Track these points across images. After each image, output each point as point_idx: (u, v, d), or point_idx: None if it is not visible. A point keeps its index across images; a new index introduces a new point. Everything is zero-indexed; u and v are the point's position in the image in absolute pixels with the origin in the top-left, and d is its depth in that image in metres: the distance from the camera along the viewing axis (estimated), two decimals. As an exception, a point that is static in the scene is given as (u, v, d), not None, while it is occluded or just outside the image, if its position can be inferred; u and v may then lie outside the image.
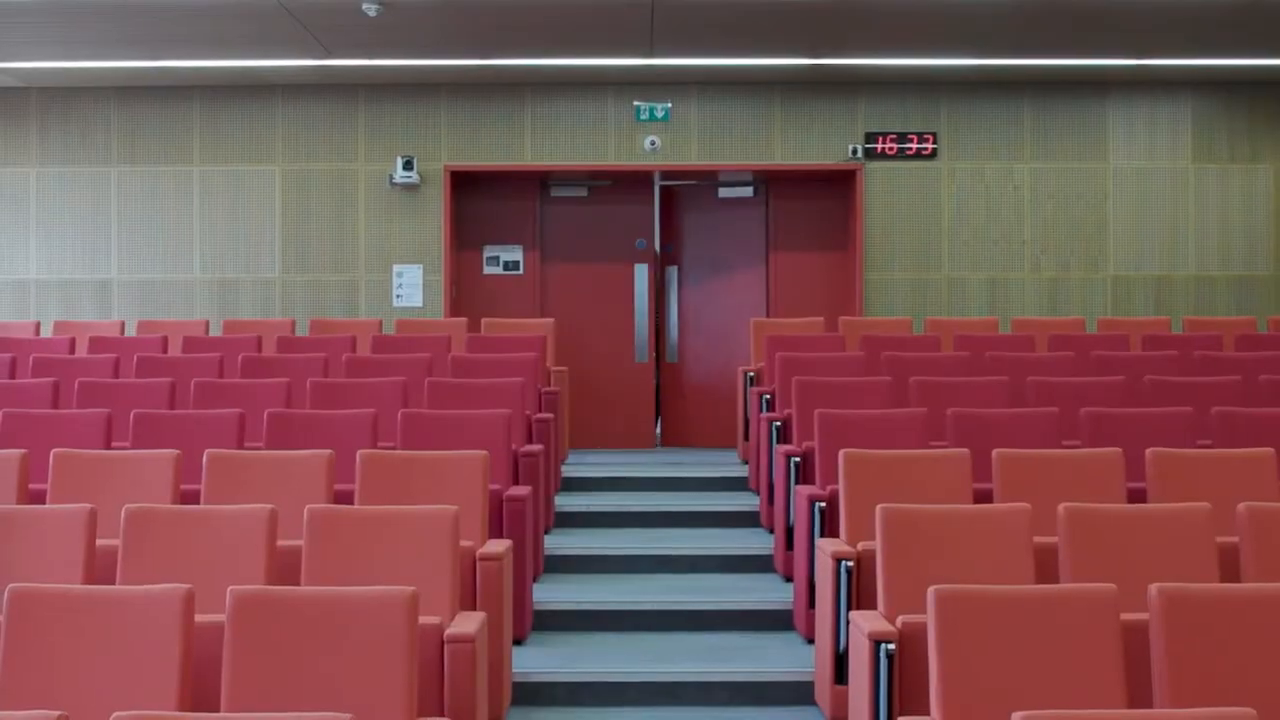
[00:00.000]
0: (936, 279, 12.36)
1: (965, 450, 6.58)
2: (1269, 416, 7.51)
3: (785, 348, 9.84)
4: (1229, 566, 5.39)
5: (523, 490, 7.19)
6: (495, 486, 6.81)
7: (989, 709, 4.21)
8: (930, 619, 4.38)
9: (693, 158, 12.34)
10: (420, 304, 12.26)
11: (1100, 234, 12.37)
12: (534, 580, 7.40)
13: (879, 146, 12.30)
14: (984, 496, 6.42)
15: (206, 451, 6.45)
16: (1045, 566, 5.38)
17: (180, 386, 8.38)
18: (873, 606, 5.46)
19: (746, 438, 10.26)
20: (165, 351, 10.06)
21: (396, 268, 12.33)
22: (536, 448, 7.98)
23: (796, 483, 7.51)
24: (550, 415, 9.00)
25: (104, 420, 7.42)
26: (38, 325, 11.46)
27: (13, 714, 3.45)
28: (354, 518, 5.44)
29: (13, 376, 9.10)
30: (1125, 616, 4.46)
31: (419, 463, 6.45)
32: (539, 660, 6.60)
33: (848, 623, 5.56)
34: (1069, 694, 4.25)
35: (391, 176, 12.28)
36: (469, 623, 5.03)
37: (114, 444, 7.40)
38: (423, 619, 4.71)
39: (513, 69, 11.78)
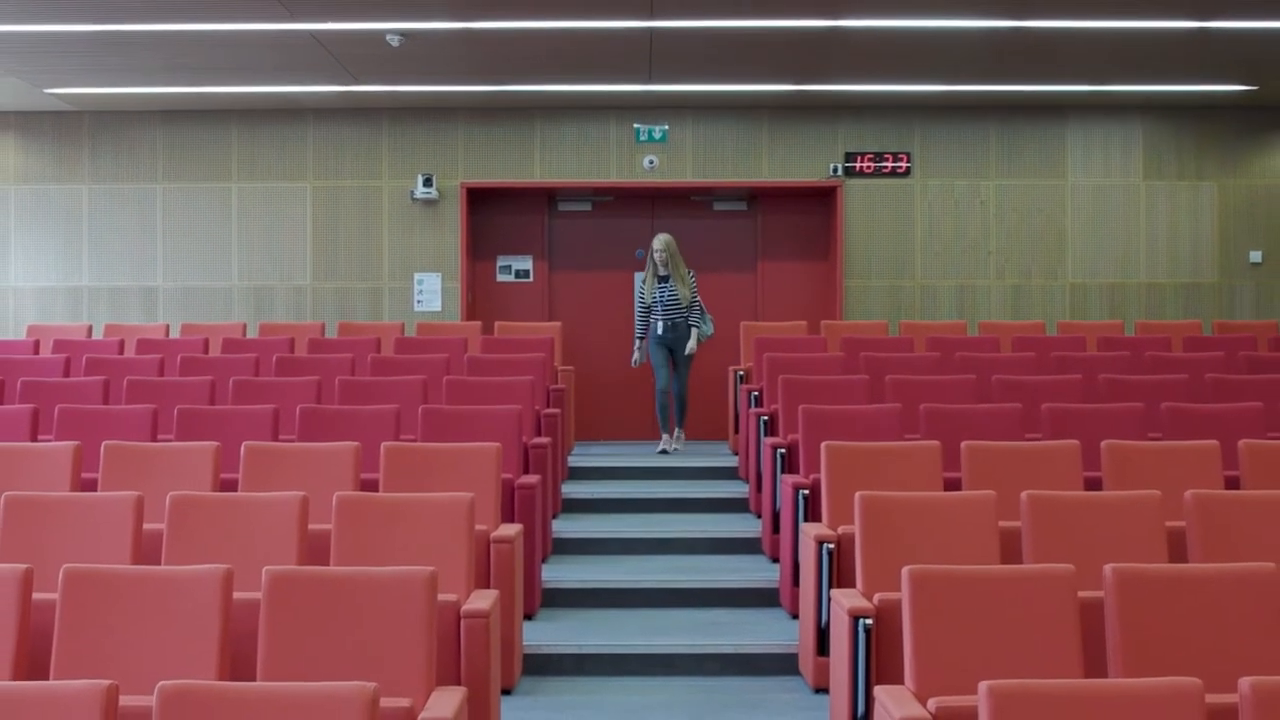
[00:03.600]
0: (910, 286, 12.36)
1: (936, 442, 6.60)
2: (1213, 412, 7.51)
3: (772, 349, 9.84)
4: (1177, 549, 5.40)
5: (532, 479, 7.20)
6: (507, 475, 6.82)
7: (958, 678, 4.21)
8: (904, 596, 4.38)
9: (688, 175, 12.35)
10: (439, 309, 12.26)
11: (1059, 245, 12.38)
12: (543, 561, 7.41)
13: (857, 165, 12.31)
14: (953, 485, 6.42)
15: (244, 444, 6.45)
16: (1009, 548, 5.39)
17: (220, 384, 8.39)
18: (852, 585, 5.46)
19: (736, 431, 10.28)
20: (206, 352, 10.06)
21: (417, 276, 12.34)
22: (545, 440, 7.98)
23: (782, 472, 7.53)
24: (557, 410, 9.01)
25: (150, 415, 7.43)
26: (90, 328, 11.48)
27: (68, 683, 3.46)
28: (379, 504, 5.45)
29: (67, 375, 9.11)
30: (1082, 594, 4.47)
31: (438, 454, 6.46)
32: (547, 634, 6.60)
33: (829, 600, 5.56)
34: (1031, 665, 4.25)
35: (413, 192, 12.29)
36: (483, 600, 5.04)
37: (159, 437, 7.42)
38: (441, 596, 4.71)
39: (523, 94, 11.79)
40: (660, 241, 10.48)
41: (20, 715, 3.40)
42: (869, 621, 4.82)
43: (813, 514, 6.64)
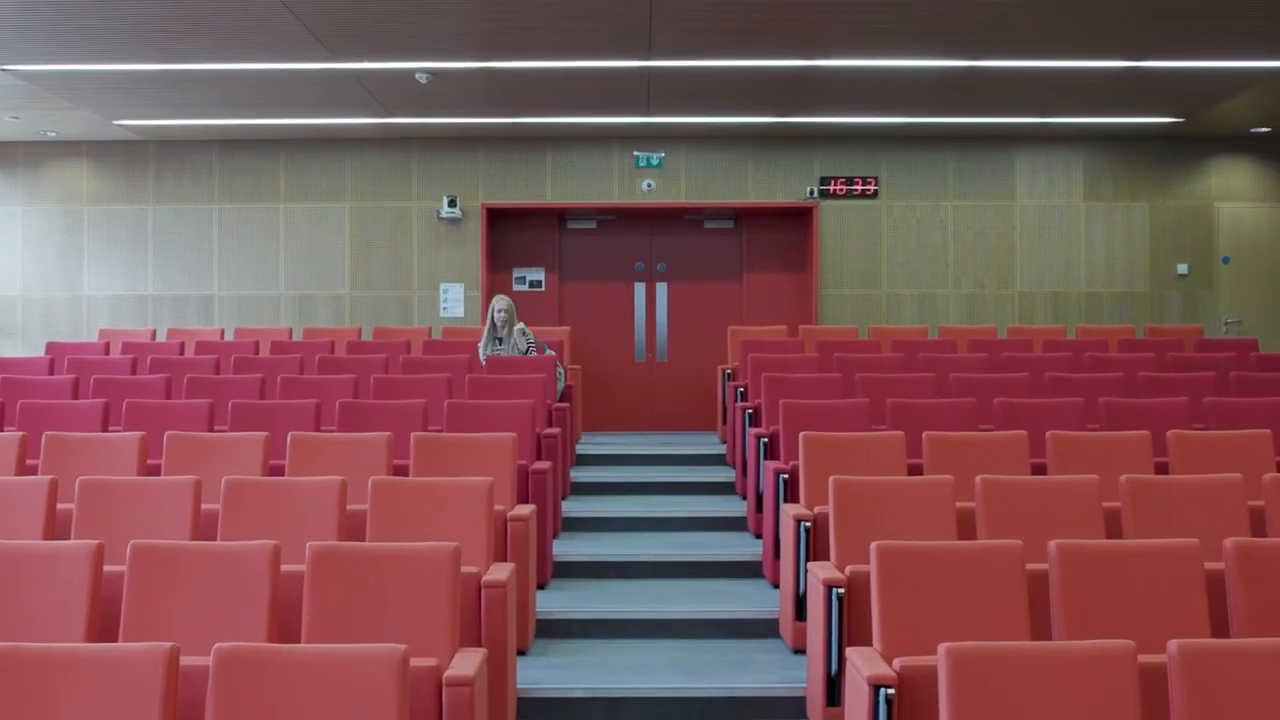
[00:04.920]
0: (877, 295, 12.36)
1: (900, 432, 6.59)
2: (1145, 406, 7.52)
3: (756, 350, 9.84)
4: (1113, 526, 5.41)
5: (544, 465, 7.19)
6: (522, 462, 6.81)
7: (919, 640, 4.22)
8: (872, 568, 4.39)
9: (681, 197, 12.34)
10: (462, 315, 12.26)
11: (1009, 259, 12.38)
12: (554, 537, 7.40)
13: (831, 188, 12.30)
14: (916, 470, 6.42)
15: (290, 434, 6.45)
16: (965, 526, 5.40)
17: (269, 381, 8.39)
18: (826, 558, 5.47)
19: (724, 422, 10.27)
20: (256, 353, 10.06)
21: (443, 286, 12.33)
22: (555, 430, 7.98)
23: (765, 459, 7.52)
24: (566, 405, 9.01)
25: (207, 409, 7.43)
26: (154, 332, 11.49)
27: (135, 645, 3.46)
28: (408, 487, 5.45)
29: (134, 373, 9.11)
30: (1029, 566, 4.48)
31: (461, 443, 6.46)
32: (558, 601, 6.60)
33: (806, 571, 5.56)
34: (984, 629, 4.26)
35: (439, 212, 12.28)
36: (501, 571, 5.04)
37: (215, 428, 7.40)
38: (464, 568, 4.72)
39: (536, 125, 11.79)
40: (501, 302, 9.59)
41: (94, 674, 3.40)
42: (841, 590, 4.83)
43: (791, 495, 6.64)
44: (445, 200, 12.25)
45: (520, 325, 9.58)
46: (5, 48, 8.82)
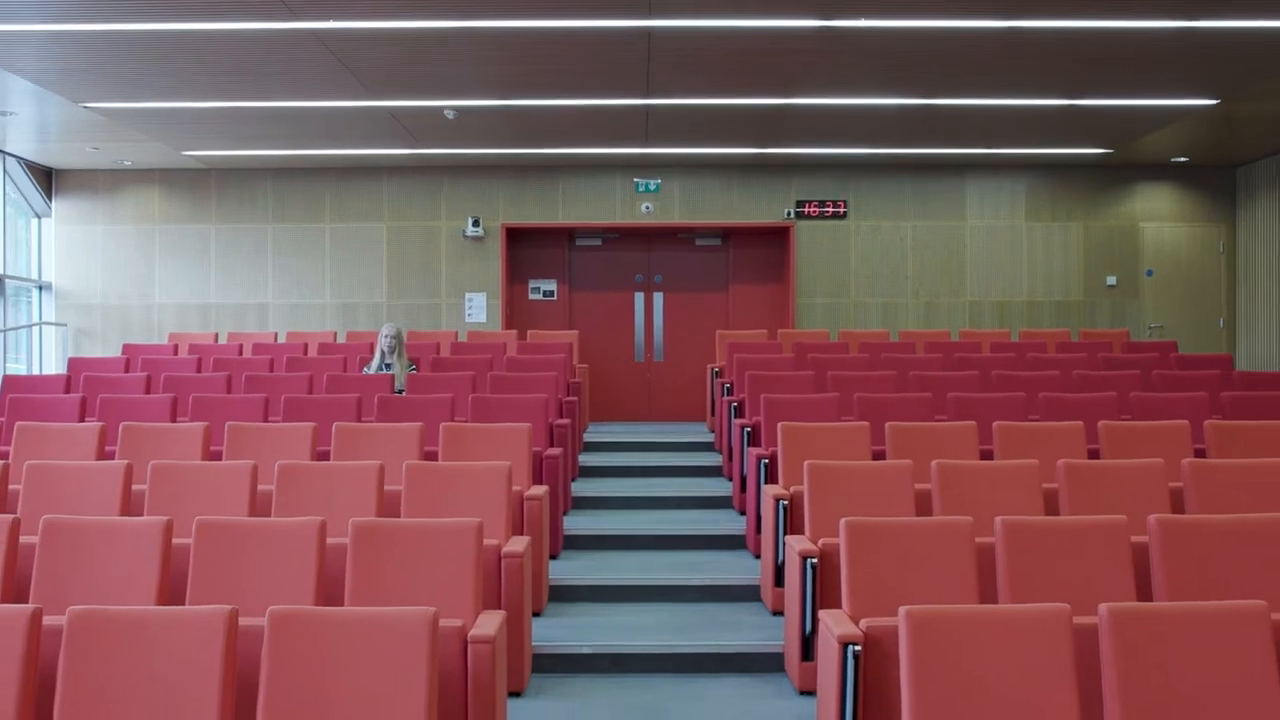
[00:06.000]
0: (846, 303, 12.35)
1: (866, 423, 6.59)
2: (1079, 400, 7.52)
3: (740, 351, 9.84)
4: (1051, 504, 5.41)
5: (556, 451, 7.19)
6: (537, 448, 6.82)
7: (883, 603, 4.21)
8: (842, 541, 4.38)
9: (675, 218, 12.34)
10: (484, 320, 12.25)
11: (960, 271, 12.38)
12: (564, 514, 7.41)
13: (806, 210, 12.30)
14: (879, 455, 6.42)
15: (334, 424, 6.45)
16: (922, 504, 5.39)
17: (316, 378, 8.39)
18: (801, 532, 5.47)
19: (713, 414, 10.28)
20: (305, 354, 10.06)
21: (467, 295, 12.33)
22: (565, 421, 7.98)
23: (748, 446, 7.52)
24: (575, 398, 9.01)
25: (263, 402, 7.43)
26: (216, 335, 11.49)
27: (200, 607, 3.46)
28: (437, 470, 5.44)
29: (199, 371, 9.12)
30: (978, 539, 4.47)
31: (483, 432, 6.46)
32: (568, 570, 6.60)
33: (784, 544, 5.57)
34: (938, 594, 4.25)
35: (464, 231, 12.28)
36: (519, 544, 5.03)
37: (269, 419, 7.42)
38: (486, 541, 4.72)
39: (549, 155, 11.79)
40: (389, 329, 8.71)
41: (164, 633, 3.40)
42: (814, 560, 4.82)
43: (771, 477, 6.64)
44: (470, 220, 12.24)
45: (408, 360, 8.77)
46: (88, 88, 8.83)
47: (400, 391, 8.26)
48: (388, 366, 8.60)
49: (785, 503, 5.75)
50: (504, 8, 6.90)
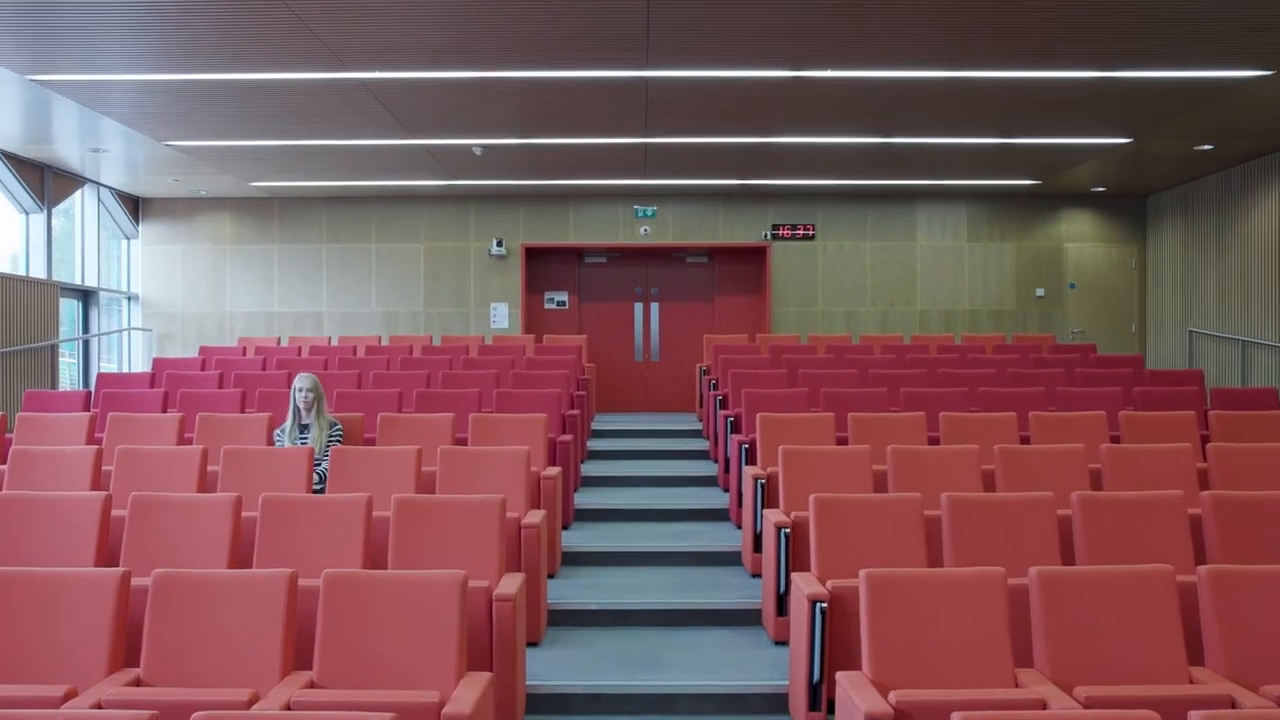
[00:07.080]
0: (814, 311, 12.35)
1: (831, 413, 6.60)
2: (1012, 394, 7.52)
3: (724, 352, 9.84)
4: (988, 483, 5.41)
5: (568, 437, 7.19)
6: (551, 435, 6.81)
7: (846, 566, 4.22)
8: (810, 514, 4.39)
9: (669, 239, 12.33)
10: (506, 326, 12.25)
11: (911, 284, 12.37)
12: (575, 490, 7.41)
13: (781, 232, 12.29)
14: (843, 441, 6.43)
15: (379, 414, 6.46)
16: (880, 483, 5.40)
17: (364, 375, 8.39)
18: (776, 506, 5.47)
19: (700, 405, 10.27)
20: (355, 355, 10.06)
21: (492, 304, 12.32)
22: (576, 412, 7.98)
23: (731, 433, 7.52)
24: (584, 393, 9.01)
25: (318, 396, 7.42)
26: (279, 339, 11.47)
27: (264, 570, 3.46)
28: (467, 453, 5.45)
29: (264, 369, 9.11)
30: (927, 512, 4.48)
31: (506, 421, 6.46)
32: (578, 538, 6.60)
33: (762, 516, 5.56)
34: (893, 559, 4.26)
35: (489, 250, 12.27)
36: (536, 516, 5.04)
37: (324, 410, 7.40)
38: (508, 514, 4.72)
39: (561, 185, 11.79)
40: (306, 381, 5.89)
41: (234, 591, 3.41)
42: (788, 530, 4.83)
43: (751, 460, 6.64)
44: (494, 241, 12.23)
45: (329, 418, 5.96)
46: (170, 128, 8.82)
47: (321, 477, 5.49)
48: (303, 429, 5.83)
49: (763, 481, 5.75)
50: (523, 62, 6.90)
